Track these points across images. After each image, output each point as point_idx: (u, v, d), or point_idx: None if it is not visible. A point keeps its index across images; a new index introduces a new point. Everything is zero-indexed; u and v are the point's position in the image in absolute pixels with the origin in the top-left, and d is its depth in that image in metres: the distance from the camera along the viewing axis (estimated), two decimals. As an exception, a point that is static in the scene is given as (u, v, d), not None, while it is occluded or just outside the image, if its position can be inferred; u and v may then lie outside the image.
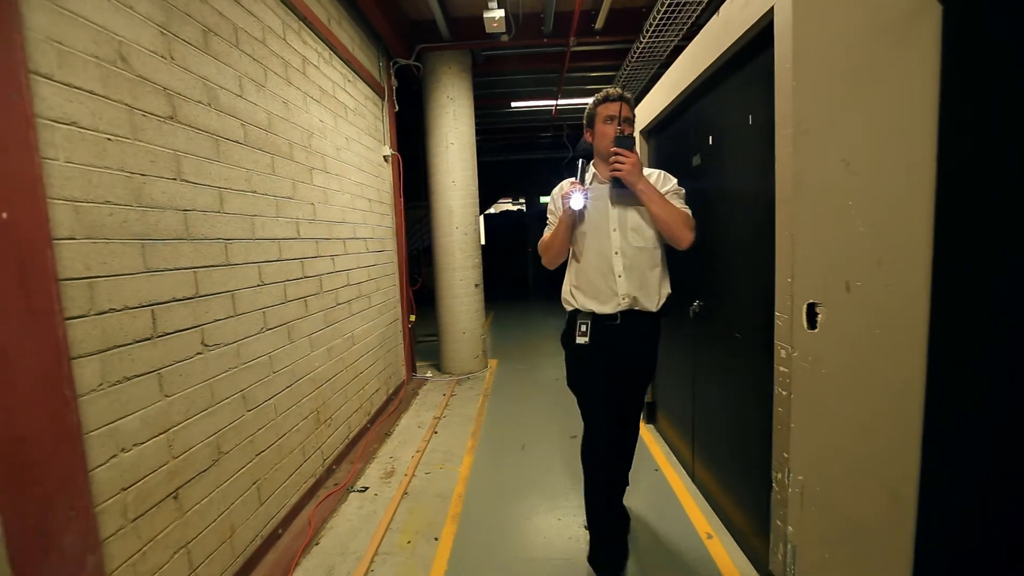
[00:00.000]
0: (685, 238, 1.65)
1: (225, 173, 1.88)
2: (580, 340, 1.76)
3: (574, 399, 1.86)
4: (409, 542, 2.14)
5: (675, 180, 1.77)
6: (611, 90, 1.74)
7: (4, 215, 1.04)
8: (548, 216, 1.89)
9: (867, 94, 1.27)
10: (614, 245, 1.71)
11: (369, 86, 3.74)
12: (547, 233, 1.85)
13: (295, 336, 2.39)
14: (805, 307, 1.37)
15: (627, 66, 4.84)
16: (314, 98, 2.74)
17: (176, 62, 1.64)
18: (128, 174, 1.43)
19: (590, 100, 1.81)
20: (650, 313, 1.75)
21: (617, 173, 1.63)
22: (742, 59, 1.77)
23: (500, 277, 11.20)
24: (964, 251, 1.21)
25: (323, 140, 2.83)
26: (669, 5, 3.53)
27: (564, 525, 2.22)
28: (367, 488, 2.62)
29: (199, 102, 1.75)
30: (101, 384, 1.30)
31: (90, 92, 1.31)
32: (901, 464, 1.30)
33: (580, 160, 1.74)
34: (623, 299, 1.71)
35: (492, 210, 12.84)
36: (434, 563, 1.99)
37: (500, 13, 3.79)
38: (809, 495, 1.40)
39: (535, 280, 11.69)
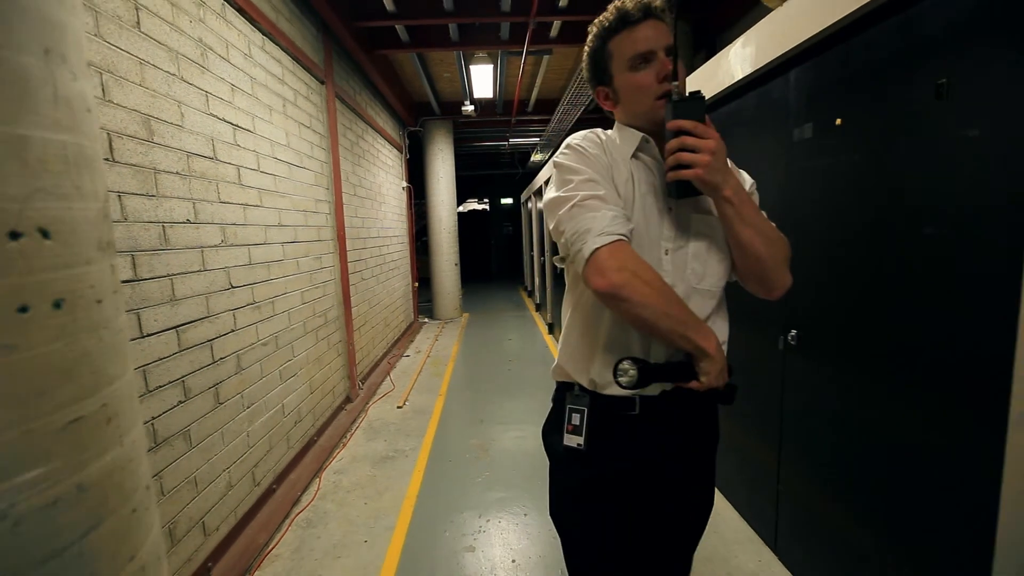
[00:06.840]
0: (785, 281, 0.95)
1: (364, 212, 4.74)
2: (571, 441, 0.98)
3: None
4: (435, 365, 5.09)
5: (744, 172, 1.02)
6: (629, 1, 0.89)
7: (342, 232, 3.90)
8: (581, 192, 0.88)
9: None
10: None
11: (395, 149, 6.57)
12: (604, 232, 0.85)
13: (381, 280, 5.27)
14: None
15: (551, 129, 7.83)
16: (381, 168, 5.58)
17: (355, 172, 4.50)
18: (351, 216, 4.28)
19: (589, 36, 0.94)
20: (699, 393, 0.92)
21: (686, 174, 0.85)
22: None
23: (469, 261, 14.20)
24: None
25: (384, 187, 5.68)
26: (570, 97, 6.49)
27: (500, 357, 5.17)
28: (409, 355, 5.54)
29: (357, 185, 4.60)
30: (350, 284, 4.17)
31: (350, 194, 4.17)
32: None
33: None
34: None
35: (462, 209, 15.75)
36: (446, 370, 4.93)
37: (471, 107, 6.71)
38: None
39: (496, 265, 14.80)
